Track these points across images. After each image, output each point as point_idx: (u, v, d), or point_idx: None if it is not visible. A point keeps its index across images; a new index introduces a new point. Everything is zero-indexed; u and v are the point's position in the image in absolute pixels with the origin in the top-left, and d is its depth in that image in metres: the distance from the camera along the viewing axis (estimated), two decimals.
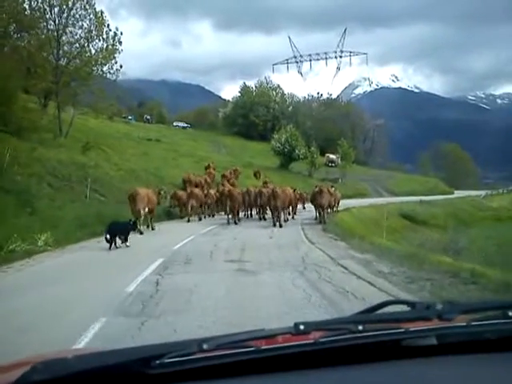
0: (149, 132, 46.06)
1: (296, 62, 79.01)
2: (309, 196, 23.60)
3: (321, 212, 19.02)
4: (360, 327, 1.14)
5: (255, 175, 33.46)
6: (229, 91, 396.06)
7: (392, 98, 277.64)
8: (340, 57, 76.69)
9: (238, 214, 19.85)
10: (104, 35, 26.74)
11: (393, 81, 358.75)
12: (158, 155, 33.22)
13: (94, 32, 26.69)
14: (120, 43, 27.05)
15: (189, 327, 5.01)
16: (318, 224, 18.15)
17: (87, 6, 26.49)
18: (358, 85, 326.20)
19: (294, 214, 21.93)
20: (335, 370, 1.13)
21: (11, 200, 13.49)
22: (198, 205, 20.30)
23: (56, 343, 4.52)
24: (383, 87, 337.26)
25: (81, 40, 26.83)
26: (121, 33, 27.18)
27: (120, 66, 27.39)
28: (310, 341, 1.14)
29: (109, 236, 11.19)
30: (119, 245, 11.48)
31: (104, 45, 26.85)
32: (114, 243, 11.31)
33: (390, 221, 21.60)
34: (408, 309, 1.24)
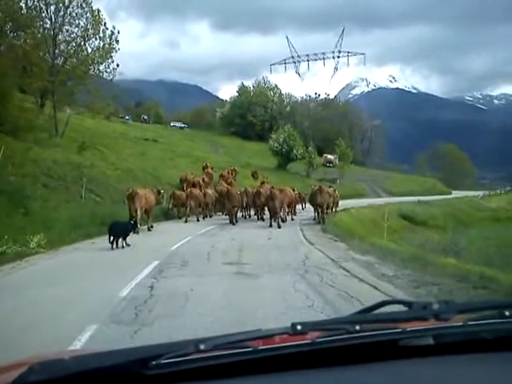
0: (146, 132, 45.72)
1: (294, 62, 78.63)
2: (307, 196, 23.36)
3: (320, 212, 18.75)
4: (357, 327, 1.14)
5: (253, 175, 33.31)
6: (226, 91, 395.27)
7: (390, 99, 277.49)
8: (338, 57, 76.25)
9: (236, 215, 19.67)
10: (101, 34, 26.64)
11: (390, 81, 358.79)
12: (155, 155, 32.98)
13: (91, 30, 26.55)
14: (117, 42, 26.93)
15: (184, 336, 4.76)
16: (317, 224, 17.94)
17: (84, 5, 26.37)
18: (356, 85, 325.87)
19: (293, 215, 21.71)
20: (332, 370, 1.14)
21: (3, 201, 13.31)
22: (197, 205, 20.14)
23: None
24: (381, 88, 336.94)
25: (77, 39, 26.73)
26: (118, 31, 27.07)
27: (117, 65, 27.32)
28: (307, 341, 1.14)
29: (112, 237, 11.25)
30: (120, 244, 11.46)
31: (101, 43, 26.77)
32: (116, 243, 11.32)
33: (389, 221, 21.43)
34: (405, 309, 1.23)
